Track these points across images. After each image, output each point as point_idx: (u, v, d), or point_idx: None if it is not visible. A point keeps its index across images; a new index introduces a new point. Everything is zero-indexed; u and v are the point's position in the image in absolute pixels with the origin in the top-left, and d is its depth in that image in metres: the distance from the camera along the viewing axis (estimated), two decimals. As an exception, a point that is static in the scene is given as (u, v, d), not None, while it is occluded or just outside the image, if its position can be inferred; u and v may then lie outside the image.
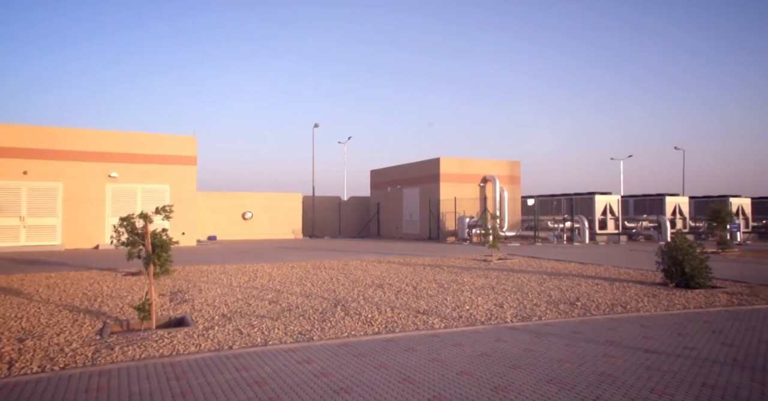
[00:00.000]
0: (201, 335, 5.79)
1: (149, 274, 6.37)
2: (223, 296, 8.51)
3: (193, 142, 23.59)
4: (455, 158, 28.25)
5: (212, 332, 5.93)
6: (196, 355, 4.96)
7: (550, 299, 8.30)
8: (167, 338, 5.62)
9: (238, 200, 29.53)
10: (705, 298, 8.39)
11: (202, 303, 7.85)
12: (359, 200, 35.46)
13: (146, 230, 6.28)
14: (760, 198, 32.58)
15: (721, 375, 4.37)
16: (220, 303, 7.93)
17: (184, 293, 8.77)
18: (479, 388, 4.00)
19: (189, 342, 5.48)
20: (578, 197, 27.61)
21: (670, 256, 9.73)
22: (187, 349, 5.20)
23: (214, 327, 6.17)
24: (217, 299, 8.27)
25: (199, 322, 6.48)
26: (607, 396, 3.82)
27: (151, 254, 6.29)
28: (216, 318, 6.73)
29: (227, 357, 4.91)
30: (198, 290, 9.22)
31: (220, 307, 7.55)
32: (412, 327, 6.24)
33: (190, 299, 8.25)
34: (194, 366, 4.62)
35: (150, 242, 6.31)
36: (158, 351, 5.10)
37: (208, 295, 8.63)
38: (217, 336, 5.73)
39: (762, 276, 11.35)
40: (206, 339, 5.62)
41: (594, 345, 5.32)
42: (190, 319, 6.60)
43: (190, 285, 9.79)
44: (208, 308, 7.49)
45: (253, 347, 5.29)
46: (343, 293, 8.94)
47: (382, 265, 13.84)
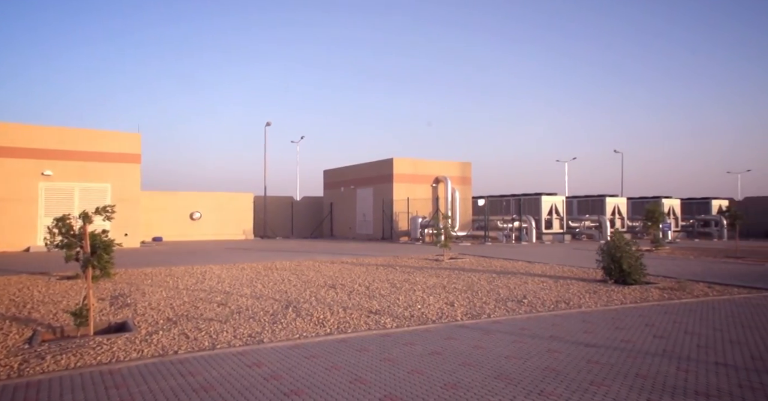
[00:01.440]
0: (144, 340, 5.54)
1: (87, 277, 6.03)
2: (169, 300, 8.18)
3: (137, 139, 22.55)
4: (408, 159, 28.53)
5: (156, 337, 5.69)
6: (138, 362, 4.74)
7: (498, 297, 8.53)
8: (106, 344, 5.34)
9: (185, 200, 28.51)
10: (640, 294, 8.89)
11: (146, 307, 7.51)
12: (312, 200, 35.11)
13: (84, 231, 5.94)
14: (688, 199, 34.93)
15: (653, 365, 4.64)
16: (165, 306, 7.62)
17: (126, 297, 8.36)
18: (429, 386, 4.06)
19: (130, 347, 5.23)
20: (526, 198, 28.57)
21: (609, 254, 10.25)
22: (128, 356, 4.96)
23: (159, 332, 5.92)
24: (162, 302, 7.94)
25: (142, 327, 6.20)
26: (550, 390, 3.97)
27: (90, 256, 5.95)
28: (160, 322, 6.46)
29: (172, 362, 4.72)
30: (141, 293, 8.82)
31: (165, 311, 7.26)
32: (364, 327, 6.24)
33: (132, 303, 7.87)
34: (136, 373, 4.41)
35: (89, 243, 5.97)
36: (96, 359, 4.83)
37: (153, 298, 8.27)
38: (161, 341, 5.50)
39: (689, 272, 12.17)
40: (149, 344, 5.38)
41: (539, 341, 5.52)
42: (132, 324, 6.30)
43: (132, 289, 9.35)
44: (152, 312, 7.17)
45: (200, 351, 5.12)
46: (294, 294, 8.82)
47: (335, 265, 13.77)
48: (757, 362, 4.78)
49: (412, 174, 28.20)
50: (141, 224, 23.04)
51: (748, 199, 38.82)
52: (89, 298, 5.85)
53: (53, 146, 20.74)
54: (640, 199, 34.27)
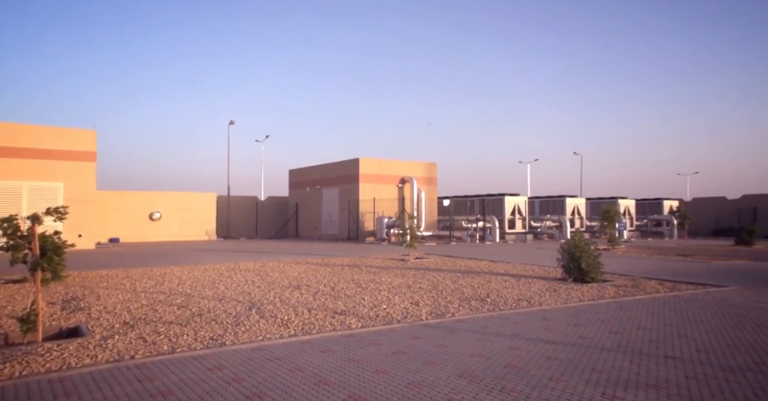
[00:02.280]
0: (98, 345, 5.32)
1: (36, 281, 5.74)
2: (126, 303, 7.89)
3: (92, 136, 21.65)
4: (374, 159, 28.56)
5: (111, 341, 5.48)
6: (92, 368, 4.54)
7: (462, 296, 8.66)
8: (56, 351, 5.10)
9: (144, 199, 27.59)
10: (597, 291, 9.21)
11: (101, 311, 7.22)
12: (277, 200, 34.65)
13: (33, 232, 5.65)
14: (642, 200, 36.47)
15: (608, 360, 4.82)
16: (121, 309, 7.35)
17: (79, 301, 8.01)
18: (394, 385, 4.07)
19: (83, 353, 5.01)
20: (490, 198, 29.12)
21: (569, 253, 10.57)
22: (81, 362, 4.75)
23: (114, 336, 5.70)
24: (118, 305, 7.65)
25: (96, 331, 5.95)
26: (511, 386, 4.06)
27: (40, 258, 5.67)
28: (116, 326, 6.22)
29: (128, 367, 4.56)
30: (96, 296, 8.47)
31: (122, 314, 7.00)
32: (329, 328, 6.21)
33: (86, 306, 7.55)
34: (89, 379, 4.23)
35: (38, 245, 5.69)
36: (44, 367, 4.60)
37: (108, 302, 7.96)
38: (116, 346, 5.29)
39: (642, 270, 12.70)
40: (104, 349, 5.18)
41: (501, 339, 5.63)
42: (85, 329, 6.04)
43: (86, 292, 8.97)
44: (107, 315, 6.90)
45: (158, 355, 4.96)
46: (258, 295, 8.68)
47: (300, 266, 13.63)
48: (701, 354, 5.03)
49: (378, 174, 28.24)
50: (96, 225, 22.14)
51: (696, 200, 40.89)
52: (38, 302, 5.57)
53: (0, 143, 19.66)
54: (598, 199, 35.51)
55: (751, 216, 35.74)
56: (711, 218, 37.73)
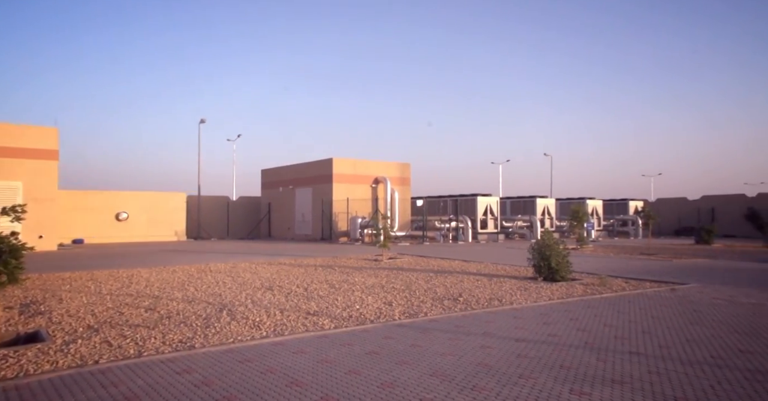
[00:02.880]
0: (59, 351, 5.13)
1: (-7, 284, 5.49)
2: (90, 306, 7.64)
3: (54, 134, 20.89)
4: (348, 159, 28.49)
5: (74, 346, 5.29)
6: (52, 374, 4.38)
7: (435, 295, 8.72)
8: (12, 357, 4.88)
9: (111, 199, 26.78)
10: (566, 290, 9.43)
11: (63, 315, 6.97)
12: (249, 201, 34.17)
13: (-10, 232, 5.41)
14: (609, 200, 37.53)
15: (576, 356, 4.94)
16: (85, 313, 7.11)
17: (39, 305, 7.71)
18: (366, 386, 4.07)
19: (42, 359, 4.82)
20: (462, 199, 29.44)
21: (540, 253, 10.79)
22: (40, 368, 4.57)
23: (77, 341, 5.51)
24: (81, 309, 7.40)
25: (58, 336, 5.74)
26: (482, 385, 4.11)
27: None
28: (80, 331, 6.02)
29: (92, 373, 4.41)
30: (58, 300, 8.17)
31: (86, 318, 6.77)
32: (301, 329, 6.16)
33: (46, 310, 7.27)
34: (48, 386, 4.08)
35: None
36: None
37: (71, 305, 7.69)
38: (80, 351, 5.12)
39: (609, 269, 13.08)
40: (65, 354, 5.00)
41: (473, 338, 5.70)
42: (45, 334, 5.81)
43: (47, 295, 8.64)
44: (70, 319, 6.66)
45: (124, 360, 4.82)
46: (229, 297, 8.54)
47: (272, 267, 13.48)
48: (663, 350, 5.21)
49: (352, 174, 28.19)
50: (59, 226, 21.38)
51: (659, 200, 42.35)
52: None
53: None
54: (567, 200, 36.36)
55: (710, 216, 37.25)
56: (673, 218, 39.13)
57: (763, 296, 8.79)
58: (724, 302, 8.15)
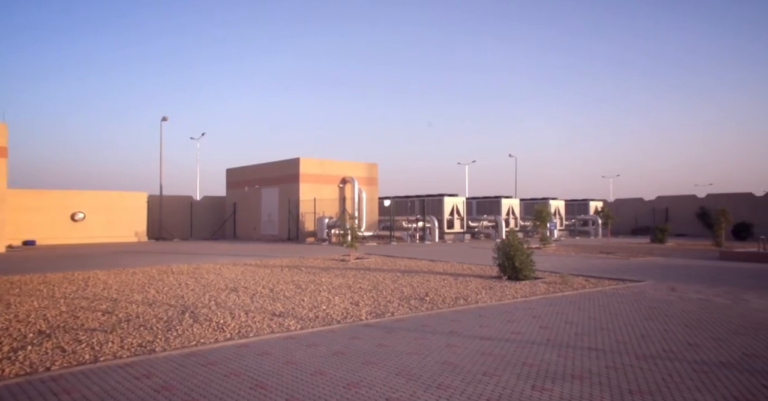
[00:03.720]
0: (5, 358, 4.88)
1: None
2: (42, 310, 7.31)
3: (3, 131, 19.87)
4: (315, 159, 28.28)
5: (23, 353, 5.04)
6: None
7: (402, 295, 8.77)
8: (-41, 365, 4.63)
9: (65, 199, 25.68)
10: (529, 288, 9.66)
11: (10, 320, 6.64)
12: (214, 200, 33.44)
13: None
14: (570, 200, 38.68)
15: (538, 353, 5.08)
16: (36, 317, 6.80)
17: (-13, 309, 7.32)
18: (332, 387, 4.06)
19: (-8, 367, 4.58)
20: (429, 199, 29.69)
21: (504, 252, 11.01)
22: (-11, 376, 4.34)
23: (26, 347, 5.26)
24: (32, 313, 7.07)
25: (5, 343, 5.46)
26: (447, 383, 4.17)
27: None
28: (30, 336, 5.75)
29: (43, 380, 4.22)
30: (5, 304, 7.77)
31: (37, 323, 6.47)
32: (267, 331, 6.08)
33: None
34: (-2, 395, 3.88)
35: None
36: (-54, 382, 4.17)
37: (20, 310, 7.33)
38: (29, 358, 4.88)
39: (570, 267, 13.48)
40: (13, 362, 4.75)
41: (439, 337, 5.77)
42: (-6, 340, 5.52)
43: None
44: (18, 325, 6.36)
45: (78, 365, 4.63)
46: (192, 299, 8.34)
47: (237, 267, 13.24)
48: (620, 345, 5.42)
49: (319, 174, 28.00)
50: (8, 227, 20.34)
51: (618, 200, 43.97)
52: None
53: None
54: (531, 200, 37.22)
55: (664, 216, 38.94)
56: (630, 218, 40.71)
57: (711, 291, 9.26)
58: (676, 298, 8.53)
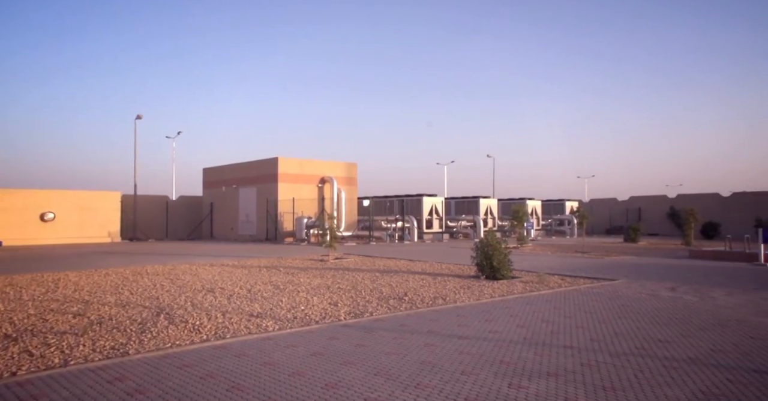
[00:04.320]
0: (-27, 362, 4.72)
1: None
2: (8, 313, 7.07)
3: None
4: (294, 159, 28.08)
5: (-9, 357, 4.88)
6: (-34, 388, 4.02)
7: (381, 295, 8.78)
8: None
9: (34, 198, 24.90)
10: (507, 287, 9.78)
11: (-22, 323, 6.41)
12: (190, 200, 32.89)
13: None
14: (547, 200, 39.33)
15: (515, 352, 5.15)
16: (2, 320, 6.57)
17: (-49, 313, 7.05)
18: (310, 387, 4.04)
19: (-45, 372, 4.42)
20: (408, 199, 29.79)
21: (483, 251, 11.12)
22: (-48, 382, 4.18)
23: (-6, 351, 5.09)
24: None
25: (-28, 347, 5.27)
26: (426, 382, 4.19)
27: None
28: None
29: (8, 386, 4.08)
30: (-27, 307, 7.50)
31: (2, 326, 6.26)
32: (244, 332, 6.01)
33: (-41, 319, 6.66)
34: (-38, 401, 3.74)
35: None
36: None
37: (-12, 313, 7.08)
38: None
39: (547, 266, 13.70)
40: (-19, 366, 4.60)
41: (418, 336, 5.79)
42: (-42, 344, 5.32)
43: (-40, 302, 7.91)
44: (-14, 328, 6.14)
45: (47, 370, 4.50)
46: (168, 300, 8.18)
47: (214, 268, 13.05)
48: (595, 343, 5.53)
49: (298, 174, 27.81)
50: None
51: (592, 200, 44.86)
52: None
53: None
54: (508, 200, 37.70)
55: (637, 215, 39.92)
56: (605, 218, 41.60)
57: (681, 289, 9.53)
58: (648, 296, 8.76)
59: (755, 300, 8.40)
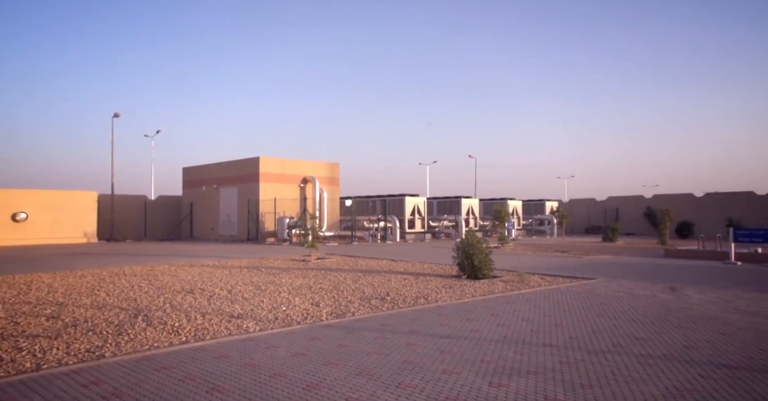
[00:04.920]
0: (-58, 367, 4.56)
1: None
2: (-20, 316, 6.86)
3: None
4: (275, 158, 27.85)
5: (-41, 362, 4.73)
6: (-67, 394, 3.89)
7: (363, 295, 8.77)
8: None
9: (6, 198, 24.19)
10: (488, 287, 9.86)
11: (-54, 327, 6.20)
12: (169, 200, 32.36)
13: None
14: (528, 200, 39.82)
15: (495, 350, 5.20)
16: (-26, 324, 6.37)
17: None
18: (291, 388, 4.01)
19: None
20: (391, 199, 29.83)
21: (464, 251, 11.19)
22: None
23: (-37, 356, 4.93)
24: (-31, 320, 6.62)
25: (-60, 351, 5.10)
26: (407, 382, 4.20)
27: None
28: (-33, 344, 5.38)
29: (-19, 390, 3.97)
30: (-60, 310, 7.26)
31: (-26, 330, 6.07)
32: (224, 333, 5.94)
33: (-74, 322, 6.44)
34: (-71, 408, 3.62)
35: None
36: None
37: (-43, 316, 6.86)
38: (-34, 367, 4.58)
39: (527, 266, 13.87)
40: (-51, 371, 4.45)
41: (399, 336, 5.81)
42: (-75, 349, 5.14)
43: (-73, 305, 7.64)
44: (-46, 332, 5.94)
45: (18, 374, 4.37)
46: (146, 301, 8.04)
47: (194, 269, 12.86)
48: (573, 341, 5.62)
49: (280, 174, 27.60)
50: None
51: (572, 201, 45.57)
52: None
53: None
54: (490, 200, 38.05)
55: (615, 215, 40.69)
56: (584, 217, 42.30)
57: (656, 288, 9.75)
58: (625, 295, 8.93)
59: (725, 298, 8.65)
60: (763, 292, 9.38)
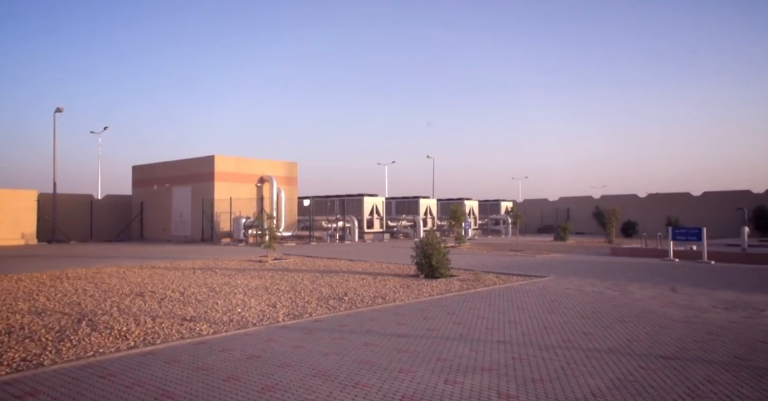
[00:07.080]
0: None
1: None
2: None
3: None
4: (231, 157, 27.20)
5: None
6: None
7: (321, 295, 8.70)
8: None
9: (-66, 195, 22.41)
10: (445, 286, 10.01)
11: None
12: (118, 200, 30.97)
13: None
14: (484, 201, 40.74)
15: (451, 348, 5.28)
16: None
17: None
18: (246, 392, 3.93)
19: None
20: (349, 199, 29.75)
21: (422, 251, 11.31)
22: None
23: None
24: None
25: None
26: (364, 381, 4.20)
27: None
28: None
29: None
30: None
31: None
32: (176, 337, 5.74)
33: None
34: None
35: None
36: None
37: None
38: None
39: (483, 265, 14.18)
40: None
41: (357, 336, 5.80)
42: None
43: None
44: None
45: (-52, 386, 4.07)
46: (91, 305, 7.65)
47: (144, 271, 12.36)
48: (526, 337, 5.79)
49: (236, 173, 26.96)
50: None
51: (526, 201, 47.02)
52: None
53: None
54: (447, 200, 38.65)
55: (566, 215, 42.27)
56: (537, 217, 43.72)
57: (603, 285, 10.20)
58: (574, 292, 9.29)
59: (665, 293, 9.16)
60: (697, 287, 10.00)
